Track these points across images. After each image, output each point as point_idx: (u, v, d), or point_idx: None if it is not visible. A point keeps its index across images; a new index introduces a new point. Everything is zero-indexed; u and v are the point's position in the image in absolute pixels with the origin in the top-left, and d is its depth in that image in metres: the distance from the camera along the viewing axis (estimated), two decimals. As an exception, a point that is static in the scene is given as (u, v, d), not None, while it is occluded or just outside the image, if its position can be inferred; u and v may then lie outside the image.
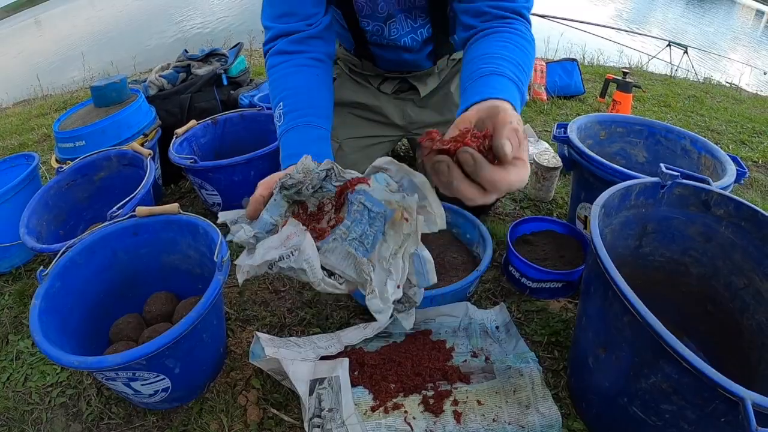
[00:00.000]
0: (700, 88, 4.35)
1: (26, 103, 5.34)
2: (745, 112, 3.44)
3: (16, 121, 3.67)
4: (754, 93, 5.56)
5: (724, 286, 1.07)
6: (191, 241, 1.12)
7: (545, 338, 1.11)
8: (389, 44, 1.20)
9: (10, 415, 1.09)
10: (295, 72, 1.00)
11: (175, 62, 1.91)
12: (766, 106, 3.97)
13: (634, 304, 0.69)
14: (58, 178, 1.49)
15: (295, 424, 0.93)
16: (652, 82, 4.08)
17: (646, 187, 1.03)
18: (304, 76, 1.00)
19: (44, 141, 2.93)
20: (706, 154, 1.41)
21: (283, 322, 1.20)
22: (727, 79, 6.08)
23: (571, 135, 1.28)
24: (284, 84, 0.99)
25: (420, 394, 0.92)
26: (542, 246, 1.30)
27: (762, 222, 0.98)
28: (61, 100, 4.14)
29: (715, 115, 3.17)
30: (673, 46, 5.68)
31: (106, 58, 6.73)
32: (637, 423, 0.79)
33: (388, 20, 1.15)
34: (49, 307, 0.97)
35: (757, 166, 2.37)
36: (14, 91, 5.97)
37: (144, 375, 0.86)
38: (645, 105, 3.12)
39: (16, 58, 9.58)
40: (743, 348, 1.01)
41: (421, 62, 1.29)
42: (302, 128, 0.94)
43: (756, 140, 2.74)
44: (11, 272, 1.54)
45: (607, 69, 4.44)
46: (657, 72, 5.34)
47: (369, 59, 1.30)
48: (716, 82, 5.60)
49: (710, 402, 0.66)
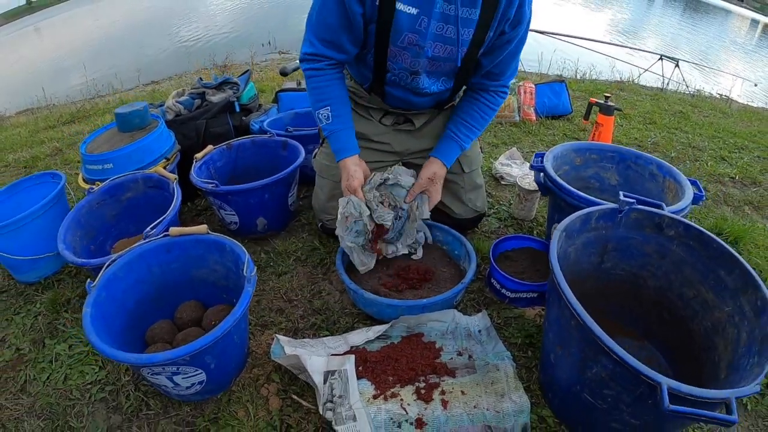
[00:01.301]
0: (689, 102, 4.54)
1: (30, 113, 5.48)
2: (730, 126, 3.64)
3: (24, 132, 3.82)
4: (745, 104, 5.79)
5: (677, 297, 1.28)
6: (218, 257, 1.33)
7: (520, 340, 1.35)
8: (406, 86, 1.46)
9: (53, 410, 1.27)
10: (333, 84, 1.42)
11: (191, 89, 2.13)
12: (752, 119, 4.16)
13: (577, 310, 0.90)
14: (90, 198, 1.69)
15: (311, 408, 1.16)
16: (641, 97, 4.28)
17: (605, 212, 1.25)
18: (341, 88, 1.45)
19: (56, 155, 3.07)
20: (670, 179, 1.61)
21: (296, 327, 1.43)
22: (718, 91, 6.28)
23: (547, 164, 1.50)
24: (328, 93, 1.42)
25: (413, 386, 1.15)
26: (521, 261, 1.53)
27: (707, 242, 1.20)
28: (68, 112, 4.30)
29: (699, 131, 3.35)
30: (665, 59, 5.91)
31: (107, 67, 6.93)
32: (589, 407, 1.01)
33: (414, 75, 1.41)
34: (98, 314, 1.17)
35: (734, 182, 2.58)
36: (16, 99, 6.06)
37: (186, 369, 1.07)
38: (631, 123, 3.34)
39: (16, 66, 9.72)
40: (694, 349, 1.22)
41: (425, 105, 1.57)
42: (348, 130, 1.46)
43: (736, 156, 2.94)
44: (40, 282, 1.73)
45: (598, 84, 4.66)
46: (648, 85, 5.53)
47: (379, 95, 1.55)
48: (708, 94, 5.82)
49: (638, 387, 0.88)
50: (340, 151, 1.45)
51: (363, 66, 1.47)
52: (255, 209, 1.70)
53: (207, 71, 5.11)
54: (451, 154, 1.51)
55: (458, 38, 1.29)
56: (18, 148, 3.36)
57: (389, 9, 1.24)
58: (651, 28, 13.51)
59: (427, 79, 1.42)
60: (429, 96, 1.49)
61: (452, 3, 1.23)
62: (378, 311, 1.37)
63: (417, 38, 1.29)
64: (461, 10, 1.24)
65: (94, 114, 4.13)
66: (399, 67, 1.39)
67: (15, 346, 1.48)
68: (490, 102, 1.50)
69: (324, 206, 1.67)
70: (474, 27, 1.28)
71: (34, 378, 1.37)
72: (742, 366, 1.00)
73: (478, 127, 1.51)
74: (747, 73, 8.95)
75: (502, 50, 1.36)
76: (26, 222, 1.63)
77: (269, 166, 1.88)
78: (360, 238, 1.46)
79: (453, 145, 1.50)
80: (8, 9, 21.16)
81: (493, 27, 1.29)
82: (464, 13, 1.25)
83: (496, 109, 1.52)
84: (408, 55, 1.34)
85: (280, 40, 6.57)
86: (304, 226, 1.92)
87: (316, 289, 1.59)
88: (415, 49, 1.32)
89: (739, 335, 1.07)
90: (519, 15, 1.28)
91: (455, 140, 1.50)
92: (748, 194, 2.43)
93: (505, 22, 1.29)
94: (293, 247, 1.79)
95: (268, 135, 1.91)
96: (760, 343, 0.98)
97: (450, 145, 1.50)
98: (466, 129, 1.50)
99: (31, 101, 5.71)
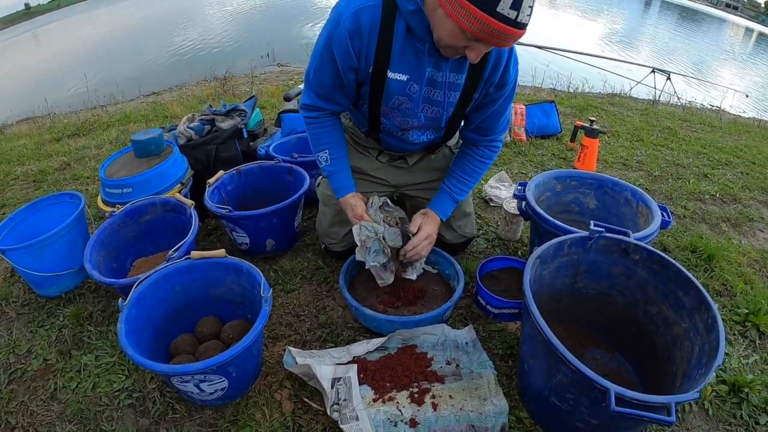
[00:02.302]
0: (679, 116, 4.71)
1: (32, 121, 5.60)
2: (717, 141, 3.82)
3: (30, 144, 3.97)
4: (735, 116, 5.97)
5: (642, 313, 1.48)
6: (235, 278, 1.54)
7: (502, 351, 1.57)
8: (399, 137, 1.63)
9: (84, 416, 1.43)
10: (331, 130, 1.62)
11: (201, 115, 2.33)
12: (741, 132, 4.34)
13: (542, 327, 1.11)
14: (111, 220, 1.85)
15: (320, 410, 1.37)
16: (631, 112, 4.46)
17: (576, 240, 1.45)
18: (337, 133, 1.64)
19: (64, 169, 3.23)
20: (642, 204, 1.80)
21: (304, 339, 1.64)
22: (710, 102, 6.46)
23: (528, 194, 1.72)
24: (326, 138, 1.62)
25: (408, 391, 1.36)
26: (505, 280, 1.75)
27: (667, 265, 1.39)
28: (72, 124, 4.46)
29: (685, 148, 3.54)
30: (657, 72, 6.14)
31: (106, 75, 7.10)
32: (557, 409, 1.22)
33: (404, 131, 1.60)
34: (130, 329, 1.36)
35: (714, 199, 2.76)
36: (16, 107, 6.14)
37: (211, 377, 1.27)
38: (619, 140, 3.53)
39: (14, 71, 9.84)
40: (657, 359, 1.41)
41: (417, 149, 1.76)
42: (345, 171, 1.66)
43: (719, 172, 3.11)
44: (61, 296, 1.90)
45: (590, 98, 4.87)
46: (641, 98, 5.71)
47: (375, 140, 1.74)
48: (699, 105, 6.02)
49: (592, 391, 1.09)
50: (339, 190, 1.66)
51: (360, 114, 1.63)
52: (264, 232, 1.91)
53: (207, 83, 5.30)
54: (447, 208, 1.68)
55: (444, 101, 1.45)
56: (25, 161, 3.50)
57: (381, 77, 1.39)
58: (646, 37, 13.76)
59: (417, 133, 1.60)
60: (420, 144, 1.67)
61: (440, 70, 1.37)
62: (377, 325, 1.58)
63: (407, 101, 1.45)
64: (449, 75, 1.39)
65: (98, 127, 4.30)
66: (391, 123, 1.56)
67: (42, 357, 1.62)
68: (482, 156, 1.66)
69: (327, 231, 1.87)
70: (460, 90, 1.44)
71: (63, 386, 1.51)
72: (693, 375, 1.18)
73: (471, 181, 1.68)
74: (740, 81, 9.16)
75: (488, 108, 1.52)
76: (50, 241, 1.79)
77: (276, 190, 2.09)
78: (380, 256, 1.60)
79: (448, 199, 1.68)
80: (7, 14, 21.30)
81: (479, 90, 1.45)
82: (451, 78, 1.40)
83: (488, 162, 1.68)
84: (399, 114, 1.51)
85: (279, 52, 6.77)
86: (309, 247, 2.12)
87: (321, 305, 1.79)
88: (405, 110, 1.49)
89: (693, 348, 1.25)
90: (504, 79, 1.43)
91: (449, 194, 1.68)
92: (727, 211, 2.60)
93: (490, 86, 1.44)
94: (299, 267, 1.98)
95: (275, 161, 2.12)
96: (708, 356, 1.16)
97: (445, 198, 1.68)
98: (460, 183, 1.67)
99: (31, 109, 5.82)
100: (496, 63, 1.38)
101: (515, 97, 1.61)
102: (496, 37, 1.12)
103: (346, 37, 1.31)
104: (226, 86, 4.95)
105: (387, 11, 1.29)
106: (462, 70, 1.39)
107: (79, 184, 2.94)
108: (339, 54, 1.36)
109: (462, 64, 1.38)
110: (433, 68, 1.37)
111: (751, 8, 49.74)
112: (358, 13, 1.29)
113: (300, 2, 14.20)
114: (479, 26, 1.10)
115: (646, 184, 2.82)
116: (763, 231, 2.48)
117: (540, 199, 1.85)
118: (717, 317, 1.19)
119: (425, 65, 1.36)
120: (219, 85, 5.06)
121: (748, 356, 1.65)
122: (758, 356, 1.65)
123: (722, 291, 1.95)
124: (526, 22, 1.11)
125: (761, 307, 1.79)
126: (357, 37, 1.32)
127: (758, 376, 1.55)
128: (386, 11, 1.29)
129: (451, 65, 1.37)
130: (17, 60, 11.34)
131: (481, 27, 1.10)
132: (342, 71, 1.40)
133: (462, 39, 1.17)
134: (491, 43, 1.15)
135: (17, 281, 2.00)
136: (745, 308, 1.81)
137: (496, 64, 1.39)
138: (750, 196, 2.81)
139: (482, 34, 1.11)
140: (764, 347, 1.70)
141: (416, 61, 1.35)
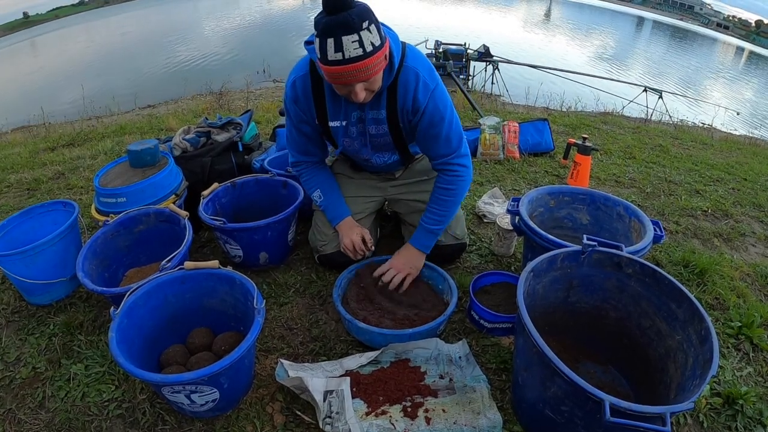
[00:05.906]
0: (670, 134, 4.75)
1: (27, 130, 5.60)
2: (708, 158, 3.85)
3: (24, 152, 3.97)
4: (727, 134, 6.05)
5: (635, 326, 1.49)
6: (228, 289, 1.54)
7: (495, 365, 1.57)
8: (369, 163, 1.85)
9: (72, 425, 1.41)
10: (317, 173, 1.90)
11: (196, 128, 2.34)
12: (732, 149, 4.39)
13: (536, 339, 1.12)
14: (104, 229, 1.85)
15: (312, 423, 1.36)
16: (623, 131, 4.49)
17: (569, 254, 1.47)
18: (325, 174, 1.92)
19: (58, 178, 3.23)
20: (635, 219, 1.82)
21: (297, 352, 1.63)
22: (702, 120, 6.55)
23: (521, 209, 1.73)
24: (317, 180, 1.89)
25: (401, 404, 1.35)
26: (498, 295, 1.75)
27: (660, 279, 1.40)
28: (67, 134, 4.46)
29: (677, 165, 3.57)
30: (649, 91, 6.23)
31: (102, 86, 7.13)
32: (551, 421, 1.22)
33: (365, 160, 1.83)
34: (121, 338, 1.35)
35: (706, 215, 2.78)
36: (11, 116, 6.15)
37: (203, 388, 1.26)
38: (611, 158, 3.56)
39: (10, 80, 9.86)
40: (651, 372, 1.42)
41: (393, 170, 1.97)
42: (337, 201, 1.89)
43: (711, 189, 3.14)
44: (51, 305, 1.88)
45: (583, 117, 4.91)
46: (633, 116, 5.78)
47: (359, 167, 1.98)
48: (691, 123, 6.10)
49: (586, 403, 1.09)
50: (335, 218, 1.88)
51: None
52: (258, 245, 1.91)
53: (203, 98, 5.32)
54: (423, 239, 1.79)
55: (377, 133, 1.69)
56: (19, 169, 3.50)
57: (326, 126, 1.69)
58: (638, 57, 13.99)
59: (378, 157, 1.82)
60: (390, 164, 1.87)
61: (363, 110, 1.62)
62: (370, 339, 1.57)
63: (351, 140, 1.73)
64: (371, 113, 1.63)
65: (93, 138, 4.30)
66: (354, 155, 1.84)
67: (31, 365, 1.61)
68: (445, 184, 1.74)
69: (321, 236, 1.92)
70: (385, 122, 1.65)
71: (52, 395, 1.50)
72: (687, 387, 1.19)
73: (441, 210, 1.76)
74: (731, 99, 9.30)
75: (420, 132, 1.67)
76: (43, 249, 1.78)
77: (270, 203, 2.10)
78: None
79: (421, 230, 1.80)
80: (5, 22, 21.43)
81: (401, 119, 1.64)
82: (373, 114, 1.63)
83: (453, 189, 1.74)
84: (352, 149, 1.78)
85: (274, 68, 6.82)
86: (302, 260, 2.13)
87: (314, 319, 1.78)
88: (355, 146, 1.75)
89: (686, 360, 1.26)
90: (416, 104, 1.58)
91: (423, 226, 1.79)
92: (719, 227, 2.62)
93: (407, 113, 1.62)
94: (292, 280, 1.98)
95: (270, 174, 2.13)
96: (702, 367, 1.17)
97: (419, 231, 1.80)
98: (431, 214, 1.77)
99: (27, 118, 5.83)
100: (404, 92, 1.57)
101: (508, 115, 1.67)
102: (345, 77, 1.35)
103: (292, 102, 1.67)
104: (222, 101, 4.98)
105: (314, 76, 1.59)
106: (380, 106, 1.62)
107: (73, 193, 2.94)
108: (294, 115, 1.70)
109: (378, 102, 1.60)
110: (359, 110, 1.63)
111: (742, 27, 50.74)
112: (295, 83, 1.62)
113: (295, 19, 14.37)
114: (330, 75, 1.37)
115: (639, 200, 2.84)
116: (755, 245, 2.50)
117: (533, 215, 1.87)
118: (710, 328, 1.20)
119: (350, 110, 1.63)
120: (215, 99, 5.09)
121: (742, 368, 1.65)
122: (752, 368, 1.65)
123: (715, 305, 1.96)
124: (359, 54, 1.30)
125: (754, 320, 1.81)
126: (299, 101, 1.65)
127: (752, 388, 1.55)
128: (313, 76, 1.59)
129: (370, 105, 1.60)
130: (14, 68, 11.35)
131: (330, 75, 1.36)
132: (300, 127, 1.73)
133: (339, 87, 1.43)
134: (350, 82, 1.37)
135: (8, 288, 1.99)
136: (738, 321, 1.82)
137: (404, 93, 1.57)
138: (741, 212, 2.84)
139: (336, 79, 1.37)
140: (758, 360, 1.70)
141: (345, 108, 1.63)
